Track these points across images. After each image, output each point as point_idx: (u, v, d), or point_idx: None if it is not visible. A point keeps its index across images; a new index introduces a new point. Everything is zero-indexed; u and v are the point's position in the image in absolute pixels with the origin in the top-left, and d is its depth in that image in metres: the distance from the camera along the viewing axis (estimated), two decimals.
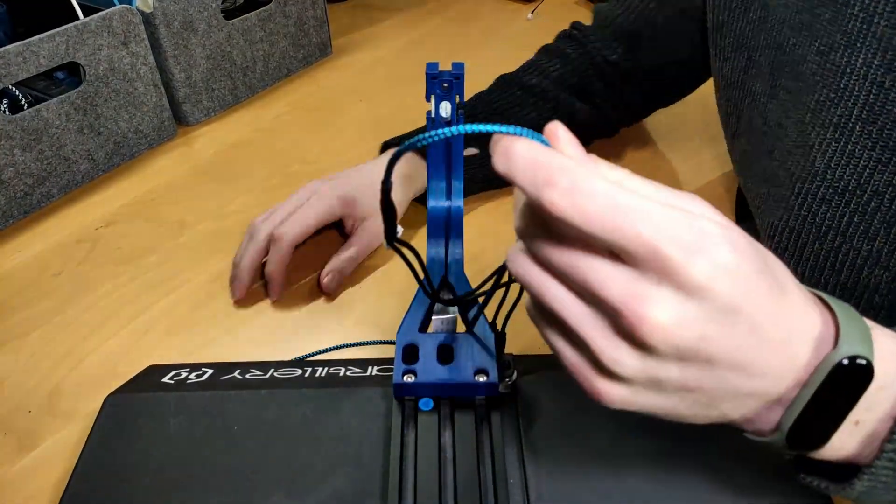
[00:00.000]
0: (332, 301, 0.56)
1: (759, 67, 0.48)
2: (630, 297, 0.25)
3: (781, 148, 0.46)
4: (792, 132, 0.45)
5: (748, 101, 0.50)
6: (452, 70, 0.49)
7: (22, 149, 0.64)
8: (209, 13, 0.76)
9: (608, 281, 0.25)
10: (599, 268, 0.25)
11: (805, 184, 0.43)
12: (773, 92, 0.47)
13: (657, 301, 0.24)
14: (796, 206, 0.44)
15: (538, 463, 0.36)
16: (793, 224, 0.44)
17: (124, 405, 0.41)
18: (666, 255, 0.24)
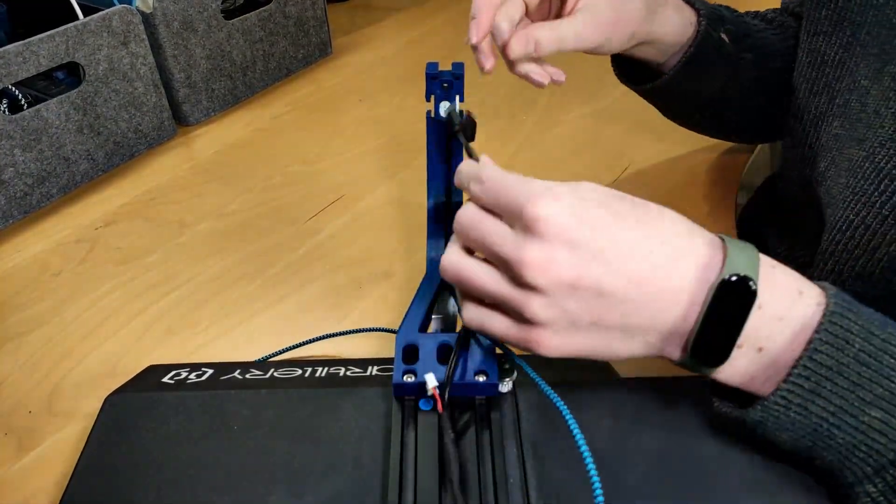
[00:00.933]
0: (330, 302, 0.56)
1: (865, 47, 0.45)
2: (512, 248, 0.32)
3: (873, 139, 0.43)
4: (888, 123, 0.42)
5: (847, 81, 0.46)
6: (452, 70, 0.49)
7: (22, 149, 0.64)
8: (209, 13, 0.76)
9: (501, 241, 0.32)
10: (496, 231, 0.33)
11: (894, 182, 0.41)
12: (877, 76, 0.43)
13: (528, 246, 0.31)
14: (878, 203, 0.41)
15: (538, 463, 0.36)
16: (869, 221, 0.42)
17: (124, 405, 0.41)
18: (523, 206, 0.32)
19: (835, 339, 0.31)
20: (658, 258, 0.32)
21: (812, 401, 0.31)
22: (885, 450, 0.31)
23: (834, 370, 0.31)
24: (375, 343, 0.53)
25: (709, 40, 0.52)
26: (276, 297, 0.57)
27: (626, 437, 0.37)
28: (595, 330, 0.33)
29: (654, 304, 0.32)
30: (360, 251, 0.61)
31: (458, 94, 0.51)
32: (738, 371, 0.33)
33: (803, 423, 0.32)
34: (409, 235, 0.62)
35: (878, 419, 0.31)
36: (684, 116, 0.61)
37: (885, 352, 0.31)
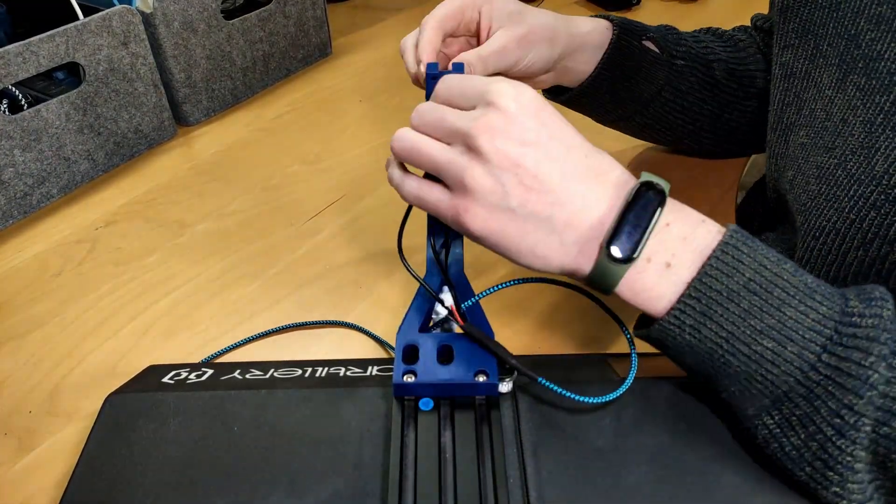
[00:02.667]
0: (330, 302, 0.56)
1: (827, 58, 0.47)
2: (470, 119, 0.36)
3: (843, 146, 0.44)
4: (857, 131, 0.43)
5: (812, 91, 0.48)
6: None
7: (22, 149, 0.64)
8: (209, 13, 0.76)
9: (460, 116, 0.37)
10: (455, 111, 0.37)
11: (861, 186, 0.42)
12: (840, 86, 0.45)
13: (485, 114, 0.36)
14: (847, 207, 0.43)
15: (538, 463, 0.36)
16: (839, 227, 0.43)
17: (124, 405, 0.41)
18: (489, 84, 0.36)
19: (725, 265, 0.33)
20: (591, 162, 0.36)
21: (703, 324, 0.33)
22: (779, 381, 0.32)
23: (724, 295, 0.33)
24: (375, 343, 0.53)
25: (626, 47, 0.56)
26: (276, 297, 0.57)
27: (626, 437, 0.37)
28: (520, 214, 0.35)
29: (579, 202, 0.35)
30: (360, 251, 0.61)
31: None
32: (644, 286, 0.35)
33: (699, 347, 0.34)
34: (409, 235, 0.62)
35: (770, 349, 0.32)
36: (625, 119, 0.63)
37: (775, 284, 0.33)
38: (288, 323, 0.54)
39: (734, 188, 0.66)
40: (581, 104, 0.61)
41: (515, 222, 0.36)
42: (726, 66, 0.61)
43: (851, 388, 0.31)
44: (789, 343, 0.32)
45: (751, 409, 0.34)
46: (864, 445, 0.32)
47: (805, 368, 0.32)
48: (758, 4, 0.80)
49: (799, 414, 0.32)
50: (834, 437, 0.32)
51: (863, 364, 0.31)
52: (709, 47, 0.62)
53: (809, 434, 0.32)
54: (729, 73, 0.61)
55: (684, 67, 0.60)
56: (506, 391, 0.38)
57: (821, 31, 0.47)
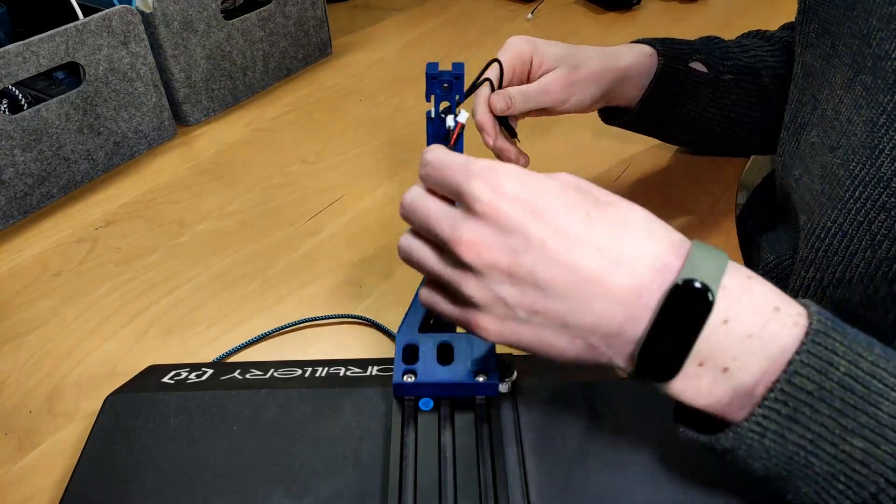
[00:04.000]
0: (330, 302, 0.56)
1: (841, 57, 0.46)
2: (450, 227, 0.31)
3: (846, 145, 0.43)
4: (861, 131, 0.42)
5: (826, 91, 0.48)
6: (452, 70, 0.49)
7: (22, 149, 0.64)
8: (209, 13, 0.76)
9: (439, 220, 0.32)
10: (435, 211, 0.32)
11: (867, 188, 0.41)
12: (849, 85, 0.44)
13: (463, 225, 0.31)
14: (854, 209, 0.41)
15: (538, 463, 0.36)
16: (846, 228, 0.42)
17: (124, 405, 0.41)
18: (461, 185, 0.31)
19: (818, 360, 0.28)
20: (609, 254, 0.30)
21: (790, 428, 0.29)
22: (867, 482, 0.28)
23: (815, 395, 0.28)
24: (376, 343, 0.53)
25: (672, 73, 0.57)
26: (276, 297, 0.57)
27: (625, 437, 0.37)
28: (534, 322, 0.31)
29: (599, 304, 0.30)
30: (360, 251, 0.61)
31: (457, 95, 0.51)
32: (701, 392, 0.30)
33: (778, 452, 0.29)
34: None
35: (861, 449, 0.28)
36: (676, 139, 0.65)
37: (872, 376, 0.28)
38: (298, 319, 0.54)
39: (734, 187, 0.66)
40: (633, 128, 0.63)
41: (531, 331, 0.32)
42: (774, 72, 0.60)
43: None
44: (883, 441, 0.28)
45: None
46: None
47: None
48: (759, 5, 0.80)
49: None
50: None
51: None
52: (757, 55, 0.61)
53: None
54: (776, 79, 0.60)
55: (731, 81, 0.59)
56: (506, 391, 0.38)
57: (837, 30, 0.47)
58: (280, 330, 0.53)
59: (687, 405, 0.31)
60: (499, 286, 0.31)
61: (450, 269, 0.32)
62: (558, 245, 0.30)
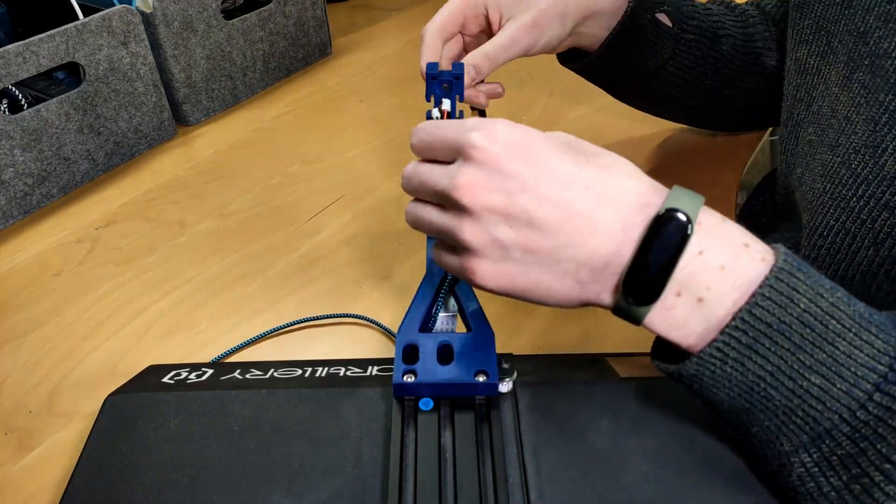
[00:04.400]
0: (330, 302, 0.56)
1: (837, 55, 0.46)
2: (448, 177, 0.34)
3: (846, 144, 0.43)
4: (861, 130, 0.42)
5: (821, 88, 0.47)
6: (452, 70, 0.49)
7: (22, 149, 0.64)
8: (209, 13, 0.76)
9: (438, 175, 0.35)
10: (433, 170, 0.35)
11: (871, 187, 0.41)
12: (846, 83, 0.44)
13: (461, 171, 0.33)
14: (857, 208, 0.41)
15: (538, 463, 0.36)
16: (849, 226, 0.42)
17: (124, 405, 0.41)
18: (458, 138, 0.34)
19: (779, 295, 0.30)
20: (596, 192, 0.32)
21: (749, 357, 0.31)
22: (822, 418, 0.30)
23: (775, 328, 0.30)
24: (376, 343, 0.53)
25: (639, 20, 0.55)
26: (276, 297, 0.57)
27: (626, 437, 0.37)
28: (527, 262, 0.33)
29: (588, 238, 0.32)
30: (360, 251, 0.61)
31: (457, 94, 0.51)
32: (676, 323, 0.32)
33: (740, 381, 0.31)
34: (409, 235, 0.62)
35: (818, 385, 0.30)
36: (630, 93, 0.64)
37: (831, 316, 0.30)
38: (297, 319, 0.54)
39: (734, 188, 0.66)
40: (590, 75, 0.61)
41: (524, 272, 0.34)
42: (734, 41, 0.60)
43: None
44: (839, 380, 0.30)
45: (787, 444, 0.32)
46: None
47: (853, 407, 0.29)
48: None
49: (841, 454, 0.30)
50: (882, 482, 0.29)
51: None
52: (720, 21, 0.60)
53: (852, 476, 0.30)
54: (735, 49, 0.60)
55: (692, 41, 0.59)
56: (506, 391, 0.38)
57: (833, 27, 0.47)
58: (280, 329, 0.53)
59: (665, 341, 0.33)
60: (494, 228, 0.33)
61: (449, 217, 0.34)
62: (551, 185, 0.32)
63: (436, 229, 0.36)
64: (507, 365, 0.39)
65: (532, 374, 0.40)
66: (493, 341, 0.39)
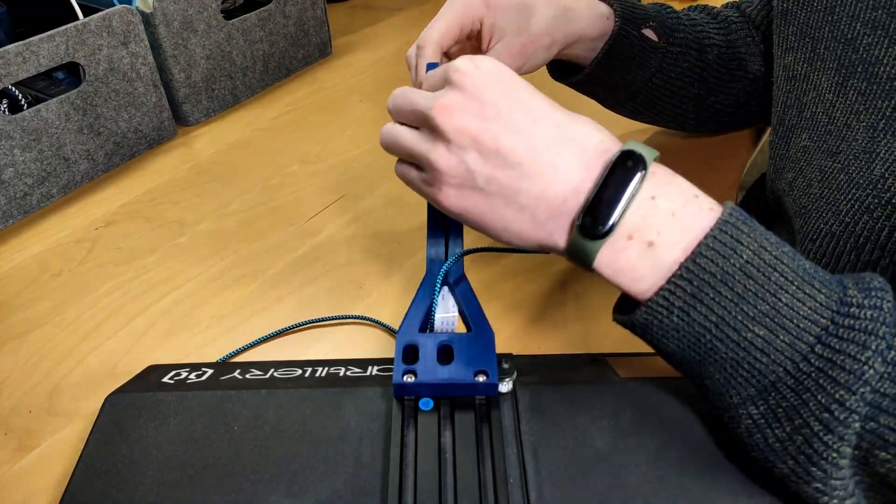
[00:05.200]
0: (330, 302, 0.56)
1: (825, 62, 0.46)
2: (430, 99, 0.36)
3: (847, 151, 0.43)
4: (861, 136, 0.43)
5: (812, 95, 0.48)
6: None
7: (22, 149, 0.64)
8: (209, 13, 0.76)
9: (422, 99, 0.37)
10: (418, 93, 0.37)
11: (859, 191, 0.41)
12: (840, 90, 0.45)
13: (443, 94, 0.35)
14: (843, 211, 0.42)
15: (538, 463, 0.36)
16: (835, 230, 0.42)
17: (124, 405, 0.41)
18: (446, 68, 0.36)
19: (722, 245, 0.31)
20: (562, 133, 0.34)
21: (693, 306, 0.32)
22: (767, 370, 0.31)
23: (718, 278, 0.31)
24: (376, 343, 0.53)
25: (625, 38, 0.57)
26: (276, 297, 0.57)
27: (626, 437, 0.37)
28: (490, 192, 0.35)
29: (549, 174, 0.34)
30: (360, 251, 0.61)
31: None
32: (627, 266, 0.33)
33: (686, 331, 0.32)
34: (409, 235, 0.62)
35: (761, 337, 0.31)
36: (619, 105, 0.64)
37: (773, 268, 0.31)
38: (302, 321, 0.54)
39: (734, 188, 0.66)
40: (580, 90, 0.62)
41: (486, 200, 0.35)
42: (719, 49, 0.61)
43: (844, 382, 0.30)
44: (782, 332, 0.31)
45: (735, 397, 0.33)
46: (850, 442, 0.30)
47: (796, 359, 0.31)
48: None
49: (785, 406, 0.31)
50: (821, 432, 0.30)
51: (858, 358, 0.30)
52: (704, 31, 0.61)
53: (795, 427, 0.31)
54: (720, 58, 0.61)
55: (679, 53, 0.60)
56: (506, 391, 0.38)
57: (818, 34, 0.47)
58: (282, 332, 0.53)
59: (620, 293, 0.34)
60: (464, 152, 0.35)
61: (423, 140, 0.37)
62: (522, 118, 0.34)
63: (408, 149, 0.38)
64: (507, 365, 0.39)
65: (532, 374, 0.40)
66: (493, 341, 0.39)
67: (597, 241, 0.33)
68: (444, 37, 0.52)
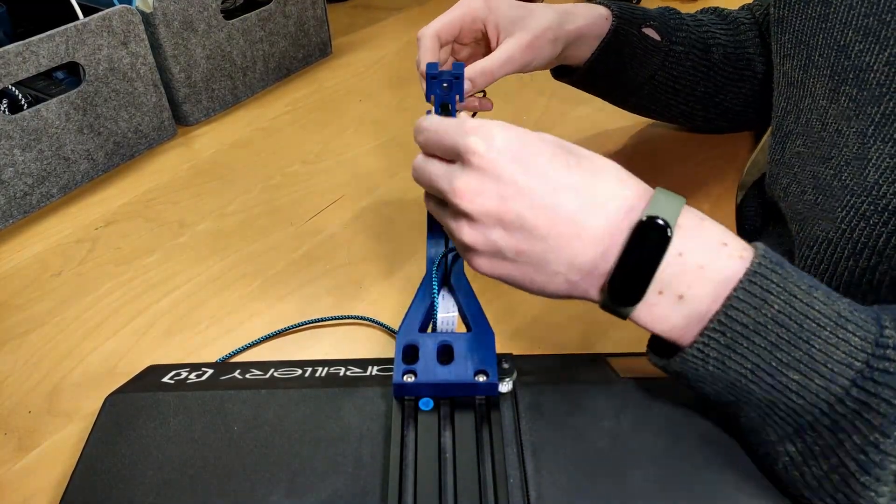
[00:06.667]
0: (330, 302, 0.56)
1: (819, 68, 0.47)
2: (447, 180, 0.35)
3: (839, 157, 0.44)
4: (852, 142, 0.43)
5: (808, 101, 0.49)
6: (452, 70, 0.49)
7: (22, 149, 0.64)
8: (209, 13, 0.76)
9: (440, 177, 0.36)
10: (437, 169, 0.37)
11: (854, 197, 0.42)
12: (833, 96, 0.45)
13: (459, 176, 0.35)
14: (839, 218, 0.42)
15: (538, 463, 0.36)
16: (831, 237, 0.43)
17: (124, 405, 0.41)
18: (457, 143, 0.35)
19: (752, 297, 0.31)
20: (584, 199, 0.34)
21: (728, 356, 0.32)
22: (804, 411, 0.31)
23: (751, 328, 0.31)
24: (376, 343, 0.53)
25: (623, 37, 0.58)
26: (276, 297, 0.57)
27: (626, 437, 0.37)
28: (520, 262, 0.35)
29: (575, 243, 0.34)
30: (360, 251, 0.61)
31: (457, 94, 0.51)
32: (660, 318, 0.33)
33: (722, 378, 0.33)
34: (409, 235, 0.62)
35: (796, 381, 0.31)
36: (622, 101, 0.66)
37: (806, 315, 0.31)
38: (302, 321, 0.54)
39: (734, 188, 0.66)
40: (581, 87, 0.64)
41: (518, 269, 0.35)
42: (725, 49, 0.62)
43: (878, 426, 0.30)
44: (816, 376, 0.31)
45: (773, 435, 0.33)
46: (887, 482, 0.30)
47: (832, 401, 0.31)
48: None
49: (822, 444, 0.31)
50: (857, 472, 0.30)
51: (892, 402, 0.29)
52: (710, 31, 0.62)
53: (832, 466, 0.31)
54: (726, 57, 0.62)
55: (681, 52, 0.61)
56: (506, 391, 0.38)
57: (812, 41, 0.48)
58: (280, 332, 0.53)
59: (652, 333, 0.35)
60: (490, 231, 0.35)
61: (449, 218, 0.37)
62: (543, 191, 0.34)
63: (438, 219, 0.39)
64: (507, 365, 0.39)
65: (532, 374, 0.40)
66: (493, 341, 0.39)
67: (630, 307, 0.34)
68: (443, 30, 0.53)
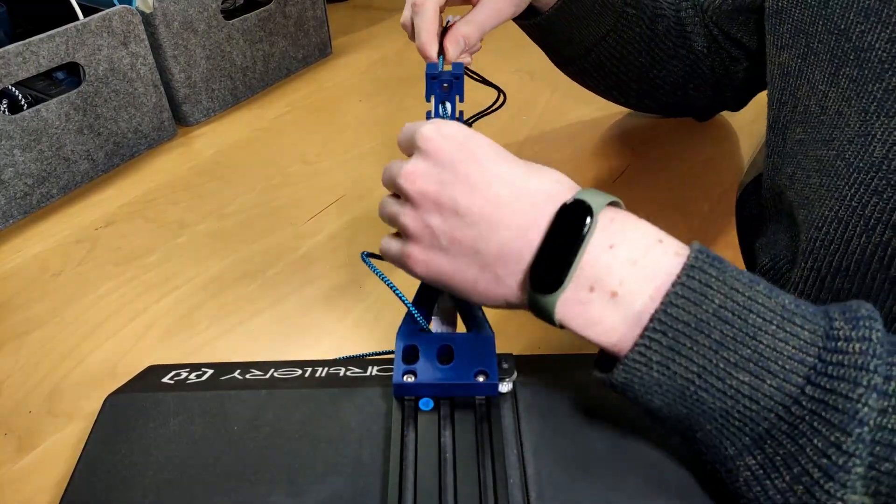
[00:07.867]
0: (330, 302, 0.56)
1: (818, 55, 0.47)
2: (399, 166, 0.37)
3: (840, 137, 0.44)
4: (854, 121, 0.43)
5: (805, 89, 0.48)
6: (452, 70, 0.49)
7: (22, 149, 0.64)
8: (209, 13, 0.76)
9: (397, 167, 0.37)
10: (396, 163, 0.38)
11: (861, 174, 0.41)
12: (832, 80, 0.45)
13: (409, 161, 0.36)
14: (848, 196, 0.42)
15: (538, 463, 0.36)
16: (842, 215, 0.42)
17: (124, 405, 0.41)
18: (414, 131, 0.37)
19: (691, 292, 0.30)
20: (516, 189, 0.34)
21: (672, 359, 0.30)
22: (759, 418, 0.29)
23: (692, 326, 0.29)
24: (376, 343, 0.53)
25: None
26: (276, 297, 0.57)
27: (626, 438, 0.37)
28: (454, 252, 0.35)
29: (504, 231, 0.33)
30: (360, 251, 0.61)
31: (457, 94, 0.51)
32: (592, 319, 0.32)
33: (669, 386, 0.30)
34: None
35: (747, 384, 0.29)
36: (568, 62, 0.66)
37: (749, 310, 0.29)
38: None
39: (734, 188, 0.66)
40: (534, 36, 0.64)
41: (451, 262, 0.35)
42: (668, 22, 0.63)
43: (838, 423, 0.28)
44: (768, 376, 0.29)
45: (730, 448, 0.31)
46: (855, 489, 0.28)
47: (787, 403, 0.29)
48: None
49: (782, 453, 0.29)
50: (821, 479, 0.28)
51: (850, 397, 0.28)
52: (657, 3, 0.63)
53: (795, 476, 0.29)
54: (668, 31, 0.63)
55: (632, 17, 0.61)
56: (506, 391, 0.38)
57: (811, 29, 0.48)
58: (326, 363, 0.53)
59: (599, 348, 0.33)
60: (427, 214, 0.35)
61: (397, 205, 0.38)
62: (480, 178, 0.34)
63: (389, 216, 0.39)
64: (507, 365, 0.39)
65: (532, 374, 0.40)
66: (493, 341, 0.39)
67: (551, 296, 0.32)
68: None
